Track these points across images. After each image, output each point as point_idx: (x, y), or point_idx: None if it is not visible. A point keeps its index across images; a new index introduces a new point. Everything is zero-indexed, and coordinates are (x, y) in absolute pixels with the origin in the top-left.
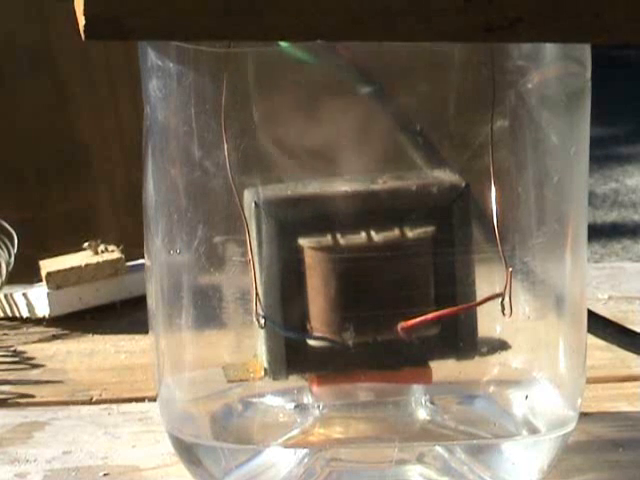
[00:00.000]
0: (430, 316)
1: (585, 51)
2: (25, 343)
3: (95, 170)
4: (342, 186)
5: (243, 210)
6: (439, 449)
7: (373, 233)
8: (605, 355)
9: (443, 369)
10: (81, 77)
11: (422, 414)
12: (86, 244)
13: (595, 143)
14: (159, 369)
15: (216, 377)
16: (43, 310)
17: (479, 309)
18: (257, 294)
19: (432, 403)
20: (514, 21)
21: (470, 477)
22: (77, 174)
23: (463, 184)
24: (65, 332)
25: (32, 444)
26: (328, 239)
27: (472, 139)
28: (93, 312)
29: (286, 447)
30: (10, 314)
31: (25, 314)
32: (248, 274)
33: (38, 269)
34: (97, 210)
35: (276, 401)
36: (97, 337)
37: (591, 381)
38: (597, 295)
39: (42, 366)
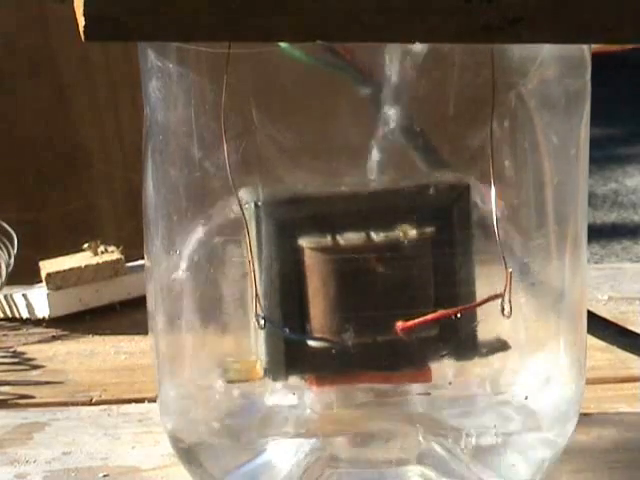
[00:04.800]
0: (430, 317)
1: (585, 51)
2: (25, 344)
3: (95, 171)
4: (342, 187)
5: (243, 211)
6: (439, 449)
7: (373, 234)
8: (605, 356)
9: (443, 370)
10: (81, 78)
11: (422, 415)
12: (86, 245)
13: (595, 144)
14: (159, 370)
15: (216, 378)
16: (43, 311)
17: (479, 310)
18: (256, 295)
19: (432, 404)
20: (514, 21)
21: (470, 478)
22: (77, 175)
23: (463, 185)
24: (65, 333)
25: (32, 445)
26: (328, 239)
27: (472, 140)
28: (93, 313)
29: (286, 448)
30: (10, 315)
31: (25, 315)
32: (247, 275)
33: (38, 270)
34: (97, 211)
35: (276, 402)
36: (97, 338)
37: (591, 382)
38: (597, 296)
39: (42, 367)
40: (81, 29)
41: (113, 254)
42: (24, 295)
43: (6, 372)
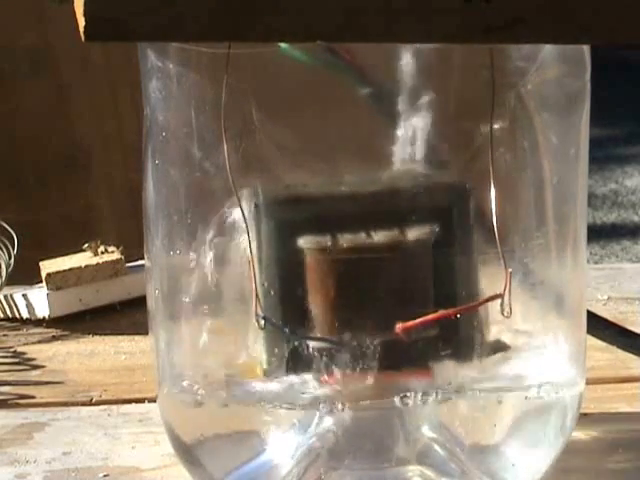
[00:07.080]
0: (430, 317)
1: (585, 52)
2: (25, 344)
3: (95, 171)
4: (342, 187)
5: (243, 211)
6: (439, 449)
7: (373, 234)
8: (605, 356)
9: (443, 370)
10: (81, 78)
11: (422, 415)
12: (86, 245)
13: (595, 144)
14: (159, 370)
15: (216, 378)
16: (43, 311)
17: (478, 310)
18: (257, 295)
19: (432, 404)
20: (513, 22)
21: (470, 478)
22: (77, 175)
23: (463, 185)
24: (65, 333)
25: (32, 445)
26: (328, 240)
27: (472, 140)
28: (93, 313)
29: (286, 447)
30: (10, 315)
31: (25, 315)
32: (248, 275)
33: (38, 270)
34: (97, 211)
35: (275, 402)
36: (97, 338)
37: (591, 382)
38: (597, 296)
39: (42, 367)
40: (81, 29)
41: (113, 254)
42: (24, 295)
43: (6, 372)
